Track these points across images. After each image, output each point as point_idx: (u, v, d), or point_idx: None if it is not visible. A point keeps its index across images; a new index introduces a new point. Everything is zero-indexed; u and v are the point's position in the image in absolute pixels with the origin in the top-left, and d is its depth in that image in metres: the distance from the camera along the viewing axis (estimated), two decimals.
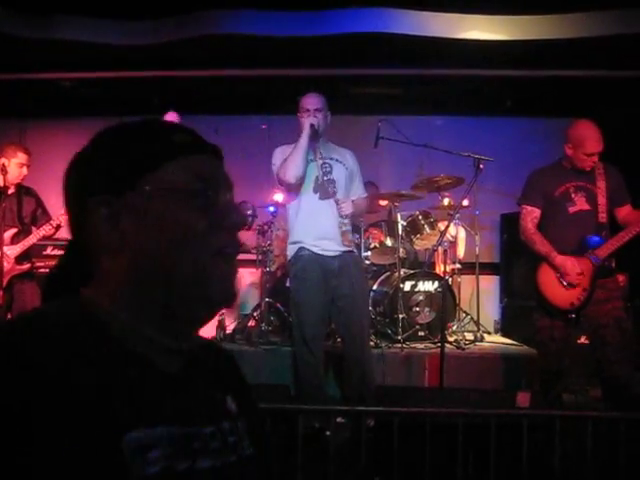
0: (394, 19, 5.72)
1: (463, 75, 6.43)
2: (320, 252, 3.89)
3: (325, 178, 3.94)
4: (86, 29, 5.85)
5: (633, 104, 6.21)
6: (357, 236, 5.59)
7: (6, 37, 5.70)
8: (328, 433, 2.89)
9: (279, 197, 6.13)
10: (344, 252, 3.94)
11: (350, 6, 5.71)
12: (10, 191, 4.85)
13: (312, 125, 3.87)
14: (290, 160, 3.88)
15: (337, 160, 4.02)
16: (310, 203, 3.92)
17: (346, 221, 3.94)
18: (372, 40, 5.79)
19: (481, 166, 4.42)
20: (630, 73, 6.06)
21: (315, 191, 3.94)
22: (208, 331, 6.16)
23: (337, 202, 3.89)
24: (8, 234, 4.72)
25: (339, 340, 4.99)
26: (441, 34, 5.71)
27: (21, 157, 4.84)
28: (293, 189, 3.99)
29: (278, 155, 4.03)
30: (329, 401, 4.12)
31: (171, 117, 4.58)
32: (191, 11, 5.75)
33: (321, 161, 3.97)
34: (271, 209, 6.00)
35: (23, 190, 4.97)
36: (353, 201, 4.05)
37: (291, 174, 3.87)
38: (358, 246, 5.56)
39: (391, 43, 5.82)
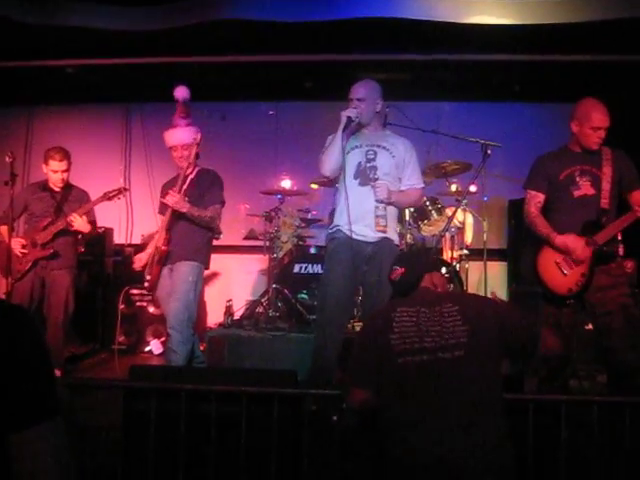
0: (402, 4, 5.68)
1: (471, 60, 6.40)
2: (355, 237, 3.85)
3: (368, 165, 3.92)
4: (91, 15, 5.84)
5: None
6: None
7: (11, 24, 5.71)
8: (334, 418, 2.90)
9: (286, 183, 6.15)
10: (381, 238, 3.89)
11: None
12: (57, 189, 5.12)
13: (349, 117, 3.85)
14: (325, 154, 3.92)
15: (384, 147, 3.98)
16: (350, 188, 3.88)
17: (381, 206, 3.88)
18: (380, 25, 5.76)
19: (489, 152, 4.42)
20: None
21: (356, 177, 3.92)
22: (216, 317, 6.20)
23: (373, 186, 3.88)
24: (41, 224, 5.02)
25: (353, 324, 5.05)
26: (449, 19, 5.67)
27: (52, 165, 5.03)
28: (329, 179, 4.08)
29: (326, 144, 4.04)
30: (336, 386, 4.13)
31: (181, 91, 4.58)
32: None
33: (367, 148, 3.96)
34: (278, 196, 6.02)
35: (73, 191, 5.21)
36: (404, 190, 4.02)
37: (326, 168, 3.93)
38: None
39: (399, 28, 5.79)
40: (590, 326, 4.19)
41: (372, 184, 3.88)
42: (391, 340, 2.41)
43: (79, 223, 4.92)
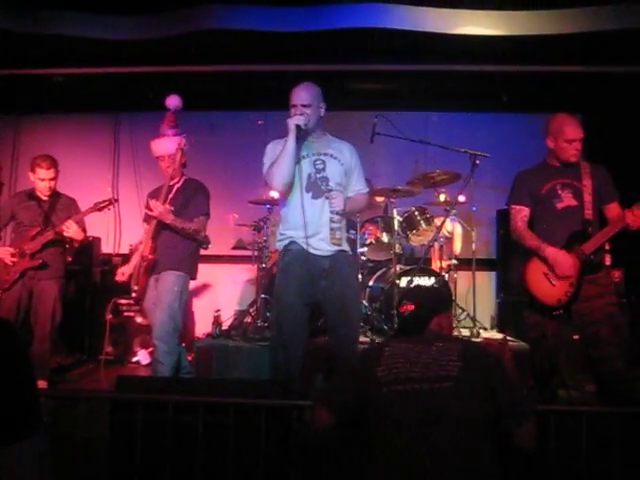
0: (390, 14, 5.70)
1: (459, 70, 6.42)
2: (311, 251, 3.67)
3: (318, 175, 3.73)
4: (79, 24, 5.83)
5: (632, 99, 6.21)
6: (353, 232, 5.57)
7: (0, 32, 5.68)
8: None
9: (275, 193, 6.13)
10: (337, 251, 3.74)
11: (346, 1, 5.70)
12: (44, 198, 5.10)
13: (297, 125, 3.65)
14: (276, 167, 3.66)
15: (331, 156, 3.79)
16: (302, 201, 3.66)
17: (336, 217, 3.72)
18: (368, 35, 5.79)
19: (477, 162, 4.42)
20: (628, 68, 6.05)
21: (307, 190, 3.71)
22: (204, 327, 6.17)
23: (327, 197, 3.70)
24: (29, 233, 4.98)
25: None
26: (437, 29, 5.70)
27: (40, 173, 5.02)
28: (282, 193, 3.81)
29: (268, 154, 3.81)
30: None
31: (174, 100, 4.55)
32: (186, 6, 5.74)
33: (314, 157, 3.77)
34: (267, 205, 6.01)
35: (61, 199, 5.20)
36: (351, 197, 3.84)
37: (277, 182, 3.69)
38: (354, 242, 5.55)
39: (387, 38, 5.82)
40: (577, 336, 4.20)
41: (327, 195, 3.70)
42: (377, 372, 2.42)
43: (74, 230, 4.89)
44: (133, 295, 4.47)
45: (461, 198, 5.58)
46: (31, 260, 4.92)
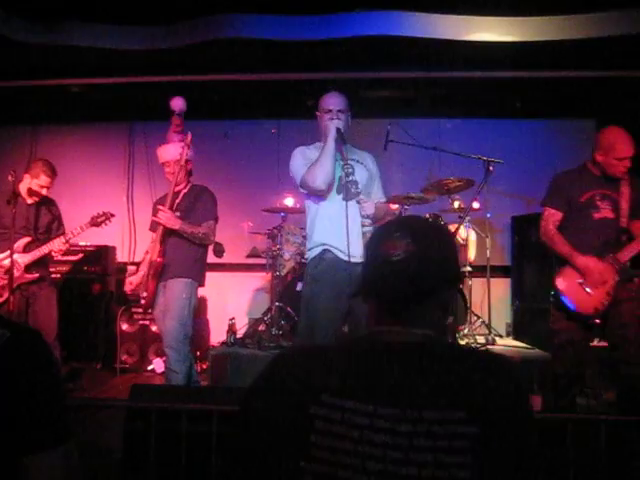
0: (403, 22, 5.70)
1: (472, 77, 6.41)
2: (345, 258, 3.63)
3: (348, 179, 3.72)
4: (95, 35, 5.87)
5: None
6: None
7: (16, 44, 5.73)
8: None
9: (289, 201, 6.14)
10: None
11: (360, 10, 5.70)
12: (29, 202, 4.93)
13: (338, 129, 3.70)
14: (319, 166, 3.70)
15: (358, 161, 3.87)
16: (334, 205, 3.74)
17: (367, 222, 3.80)
18: (381, 43, 5.78)
19: (491, 168, 4.40)
20: None
21: (338, 192, 3.78)
22: (219, 336, 6.18)
23: (359, 202, 3.73)
24: (21, 242, 4.80)
25: None
26: (450, 36, 5.69)
27: (43, 180, 4.88)
28: (321, 194, 3.83)
29: (299, 158, 3.85)
30: None
31: (178, 102, 4.56)
32: (200, 16, 5.76)
33: (342, 162, 3.78)
34: (281, 213, 6.01)
35: (44, 201, 5.02)
36: (374, 204, 3.88)
37: (321, 180, 3.71)
38: None
39: (400, 46, 5.81)
40: (596, 342, 4.16)
41: (358, 199, 3.72)
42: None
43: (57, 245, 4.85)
44: (142, 302, 4.44)
45: (475, 205, 5.56)
46: (27, 274, 4.79)
